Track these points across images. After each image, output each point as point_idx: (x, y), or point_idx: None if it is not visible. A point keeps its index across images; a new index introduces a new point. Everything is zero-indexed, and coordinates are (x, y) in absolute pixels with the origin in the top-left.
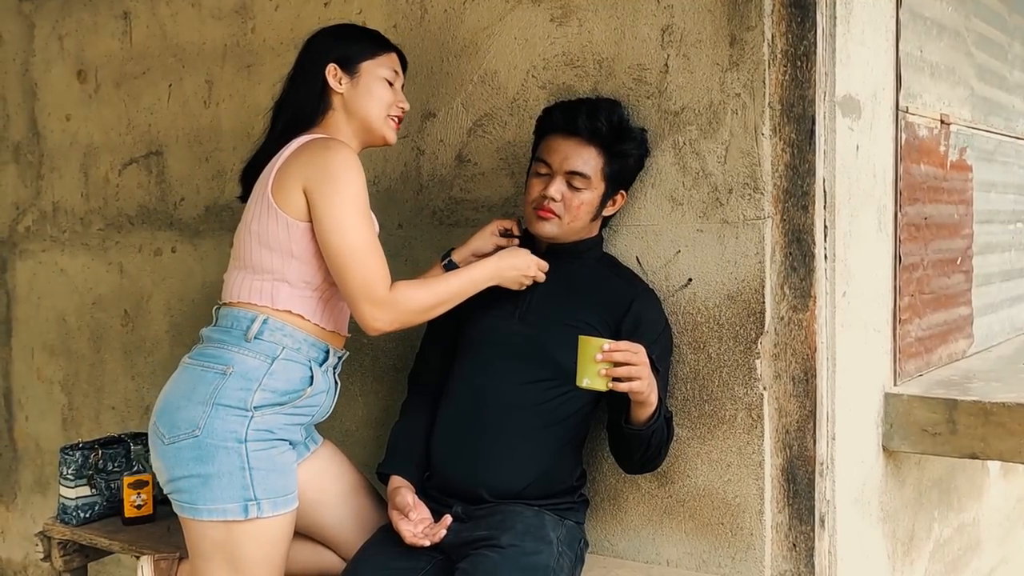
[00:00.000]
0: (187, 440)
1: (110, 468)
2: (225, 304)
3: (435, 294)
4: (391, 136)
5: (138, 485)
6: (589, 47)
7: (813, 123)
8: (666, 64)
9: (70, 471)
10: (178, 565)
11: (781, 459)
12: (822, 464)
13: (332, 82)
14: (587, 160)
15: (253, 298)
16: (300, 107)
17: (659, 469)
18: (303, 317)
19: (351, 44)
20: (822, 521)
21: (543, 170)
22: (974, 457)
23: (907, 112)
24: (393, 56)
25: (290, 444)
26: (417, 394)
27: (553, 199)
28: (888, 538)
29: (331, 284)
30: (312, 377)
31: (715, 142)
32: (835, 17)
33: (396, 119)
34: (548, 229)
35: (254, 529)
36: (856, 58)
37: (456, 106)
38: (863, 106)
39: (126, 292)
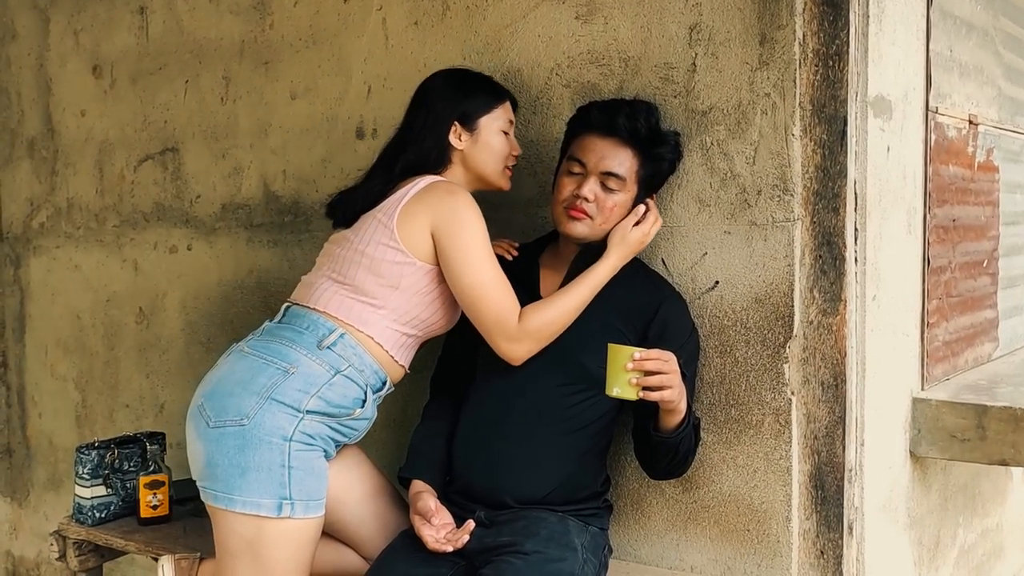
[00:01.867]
0: (233, 427)
1: (126, 468)
2: (301, 305)
3: (563, 311)
4: (506, 184)
5: (154, 485)
6: (615, 45)
7: (845, 124)
8: (694, 63)
9: (86, 470)
10: (198, 565)
11: (809, 465)
12: (851, 470)
13: (453, 139)
14: (623, 161)
15: (340, 313)
16: (423, 158)
17: (684, 474)
18: (382, 346)
19: (470, 99)
20: (850, 528)
21: (576, 169)
22: (1004, 464)
23: (937, 112)
24: (507, 105)
25: (325, 453)
26: (439, 397)
27: (586, 199)
28: (914, 545)
29: (420, 322)
30: (364, 400)
31: (744, 142)
32: (868, 16)
33: (510, 168)
34: (579, 229)
35: (284, 529)
36: (888, 58)
37: None
38: (894, 106)
39: (141, 289)
